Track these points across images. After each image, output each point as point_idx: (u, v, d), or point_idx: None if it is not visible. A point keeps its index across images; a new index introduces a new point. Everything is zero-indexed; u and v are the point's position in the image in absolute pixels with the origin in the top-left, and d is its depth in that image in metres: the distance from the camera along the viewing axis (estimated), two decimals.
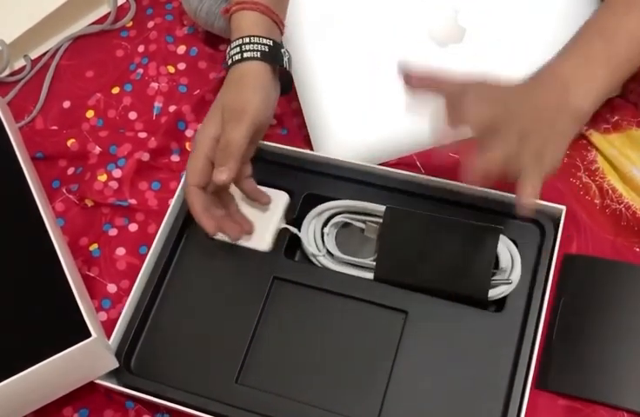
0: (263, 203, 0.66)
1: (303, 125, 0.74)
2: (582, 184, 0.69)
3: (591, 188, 0.68)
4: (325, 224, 0.67)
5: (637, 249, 0.66)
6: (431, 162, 0.71)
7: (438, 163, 0.70)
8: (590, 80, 0.57)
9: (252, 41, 0.63)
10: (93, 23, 0.84)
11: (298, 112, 0.74)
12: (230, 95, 0.62)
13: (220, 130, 0.61)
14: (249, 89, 0.62)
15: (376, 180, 0.67)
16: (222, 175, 0.59)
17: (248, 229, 0.65)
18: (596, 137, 0.69)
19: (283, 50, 0.65)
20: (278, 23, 0.66)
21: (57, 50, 0.83)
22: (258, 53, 0.62)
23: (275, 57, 0.63)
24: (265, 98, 0.62)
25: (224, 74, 0.77)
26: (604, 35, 0.59)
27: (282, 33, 0.67)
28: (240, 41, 0.63)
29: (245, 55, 0.62)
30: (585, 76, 0.57)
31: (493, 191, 0.64)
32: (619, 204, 0.67)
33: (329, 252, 0.66)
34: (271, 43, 0.63)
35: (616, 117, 0.70)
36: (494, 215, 0.64)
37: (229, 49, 0.64)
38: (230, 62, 0.64)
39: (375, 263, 0.64)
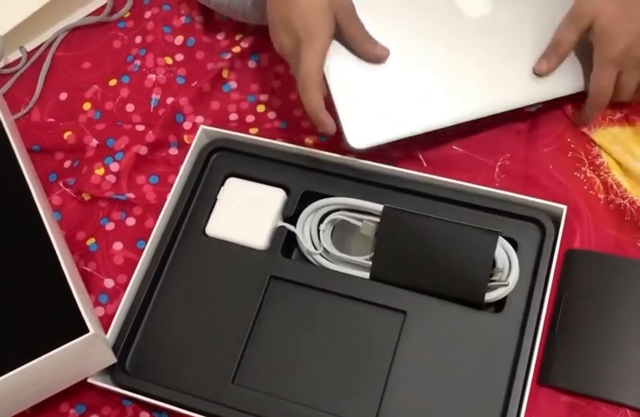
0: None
1: (303, 117, 0.73)
2: (586, 179, 0.68)
3: (595, 182, 0.68)
4: (321, 221, 0.66)
5: None
6: (434, 156, 0.70)
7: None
8: None
9: None
10: (90, 15, 0.83)
11: (298, 103, 0.73)
12: None
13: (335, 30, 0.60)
14: None
15: (374, 178, 0.65)
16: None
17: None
18: (600, 132, 0.69)
19: None
20: None
21: (53, 42, 0.82)
22: None
23: None
24: None
25: (221, 64, 0.76)
26: None
27: None
28: None
29: None
30: None
31: (493, 190, 0.63)
32: (623, 199, 0.66)
33: (325, 250, 0.65)
34: None
35: (624, 112, 0.69)
36: (494, 214, 0.63)
37: None
38: None
39: (370, 262, 0.63)
